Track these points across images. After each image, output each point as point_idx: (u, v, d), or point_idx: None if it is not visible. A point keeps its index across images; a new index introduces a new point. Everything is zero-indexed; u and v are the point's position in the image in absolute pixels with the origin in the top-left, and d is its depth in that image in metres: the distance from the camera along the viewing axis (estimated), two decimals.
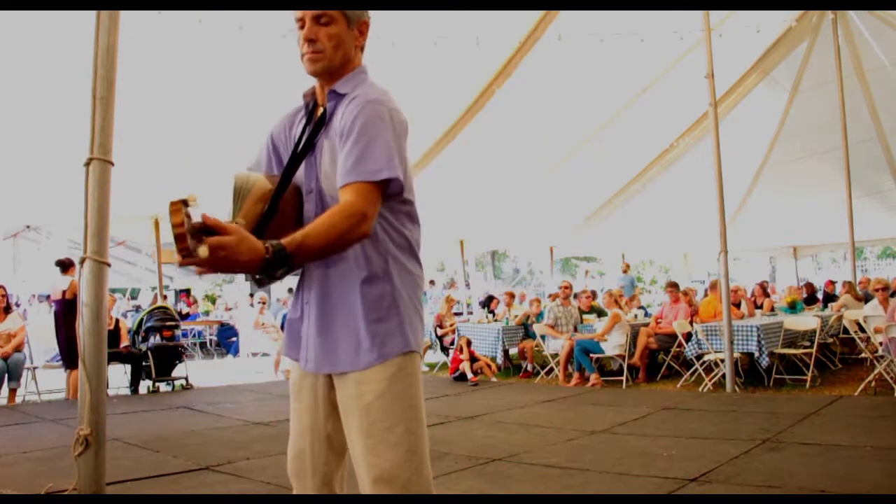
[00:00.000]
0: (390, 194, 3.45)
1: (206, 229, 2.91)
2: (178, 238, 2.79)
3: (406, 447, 3.41)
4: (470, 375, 16.50)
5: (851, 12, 19.55)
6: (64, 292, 14.76)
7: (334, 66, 3.63)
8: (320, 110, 3.68)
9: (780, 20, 19.52)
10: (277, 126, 3.96)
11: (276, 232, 3.23)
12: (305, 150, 3.67)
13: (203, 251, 2.81)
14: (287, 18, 11.91)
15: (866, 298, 16.98)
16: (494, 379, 17.07)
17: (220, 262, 2.93)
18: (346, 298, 3.51)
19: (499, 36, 15.59)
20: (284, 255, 3.05)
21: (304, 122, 3.76)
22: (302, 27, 3.57)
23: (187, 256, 2.81)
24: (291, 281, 3.93)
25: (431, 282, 36.86)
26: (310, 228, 3.20)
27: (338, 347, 3.51)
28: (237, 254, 2.94)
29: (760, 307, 19.94)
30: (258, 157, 3.99)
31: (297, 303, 3.75)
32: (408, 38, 14.19)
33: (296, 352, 3.71)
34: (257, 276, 3.31)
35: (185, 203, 2.84)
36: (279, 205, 3.44)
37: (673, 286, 18.10)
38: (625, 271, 31.36)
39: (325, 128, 3.63)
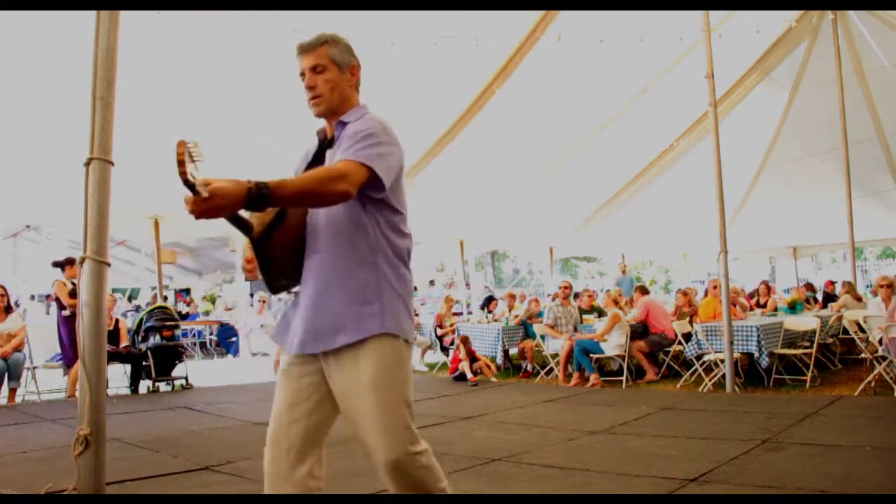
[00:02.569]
0: (375, 197, 4.09)
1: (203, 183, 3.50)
2: (179, 163, 3.36)
3: (388, 424, 4.00)
4: (469, 375, 16.50)
5: (851, 12, 19.55)
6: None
7: (334, 106, 4.34)
8: (328, 141, 4.38)
9: (780, 20, 19.52)
10: (298, 163, 4.56)
11: (283, 237, 4.03)
12: (313, 165, 4.36)
13: (203, 190, 3.44)
14: (286, 18, 11.77)
15: None
16: (494, 379, 17.07)
17: (216, 194, 3.52)
18: (334, 283, 4.07)
19: (499, 36, 15.59)
20: (266, 189, 3.59)
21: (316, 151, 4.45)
22: (304, 79, 4.32)
23: (187, 182, 3.40)
24: None
25: (431, 282, 36.74)
26: (294, 177, 3.95)
27: (320, 328, 4.06)
28: (226, 187, 3.55)
29: (764, 306, 19.99)
30: None
31: (296, 299, 4.27)
32: (408, 38, 14.20)
33: (282, 337, 4.28)
34: (269, 278, 4.11)
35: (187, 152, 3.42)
36: (286, 213, 3.98)
37: (639, 289, 18.34)
38: (623, 272, 31.38)
39: (331, 148, 4.31)
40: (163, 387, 16.23)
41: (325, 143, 4.44)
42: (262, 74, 14.32)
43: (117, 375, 15.75)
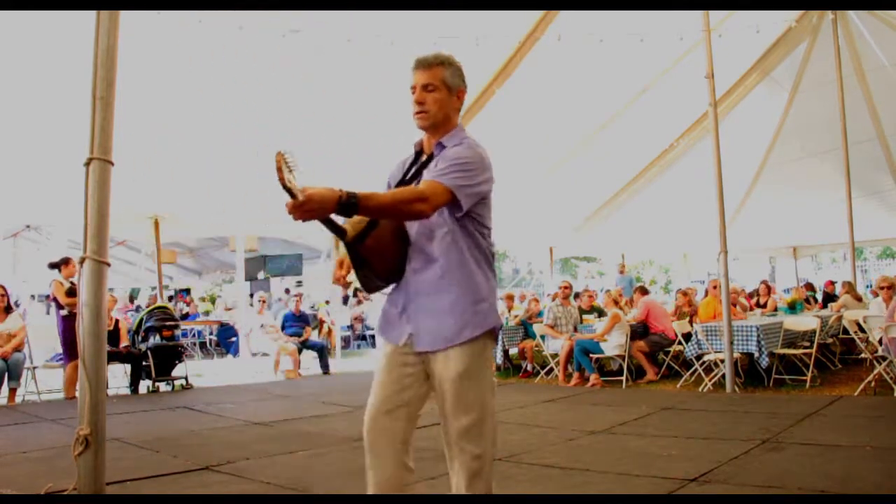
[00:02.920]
0: (461, 215, 4.60)
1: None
2: (278, 170, 3.78)
3: (479, 410, 4.62)
4: None
5: (851, 12, 19.52)
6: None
7: (438, 122, 4.83)
8: (425, 157, 4.90)
9: (780, 20, 19.49)
10: (394, 170, 5.14)
11: (375, 242, 4.48)
12: (410, 180, 4.90)
13: (301, 194, 3.83)
14: (286, 17, 11.73)
15: None
16: (494, 379, 17.01)
17: (312, 199, 3.92)
18: (438, 295, 4.62)
19: (499, 36, 15.57)
20: (354, 199, 4.05)
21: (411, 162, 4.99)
22: (414, 93, 4.88)
23: (284, 187, 3.80)
24: (289, 282, 4.33)
25: None
26: (383, 192, 4.44)
27: (429, 327, 4.61)
28: (320, 193, 3.97)
29: (764, 306, 19.99)
30: None
31: (395, 300, 4.81)
32: (408, 38, 14.18)
33: (390, 334, 4.77)
34: (362, 278, 4.64)
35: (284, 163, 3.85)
36: (378, 221, 4.43)
37: (639, 289, 18.32)
38: (621, 272, 31.33)
39: (427, 165, 4.81)
40: (163, 387, 16.20)
41: (422, 157, 4.97)
42: (262, 74, 14.32)
43: (117, 375, 15.77)
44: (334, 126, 16.16)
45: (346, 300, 23.68)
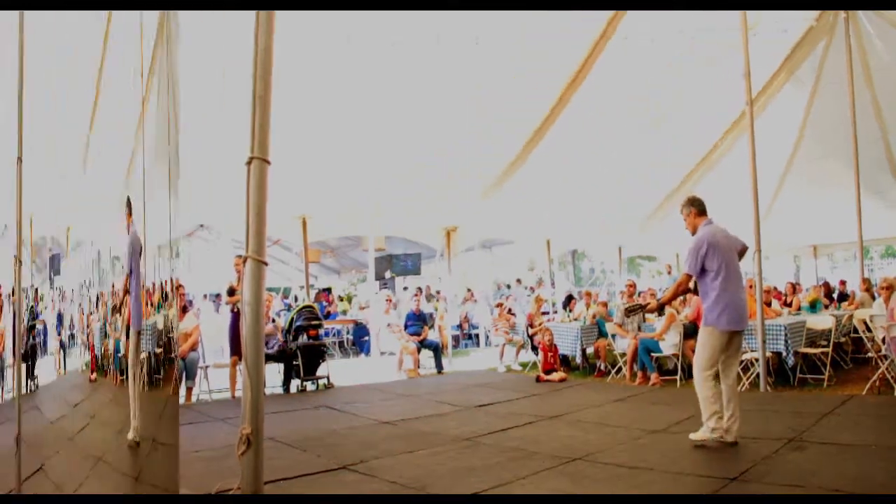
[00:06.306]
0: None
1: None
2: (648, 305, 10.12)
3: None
4: (541, 374, 16.39)
5: (861, 13, 18.40)
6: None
7: (691, 227, 9.21)
8: None
9: (803, 19, 18.24)
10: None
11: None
12: None
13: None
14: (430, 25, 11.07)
15: None
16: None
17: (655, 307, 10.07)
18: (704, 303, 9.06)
19: (572, 37, 14.74)
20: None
21: None
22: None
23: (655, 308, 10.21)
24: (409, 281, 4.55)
25: (518, 280, 35.15)
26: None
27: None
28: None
29: (790, 305, 19.52)
30: None
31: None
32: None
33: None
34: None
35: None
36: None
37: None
38: (668, 272, 30.65)
39: None
40: (309, 386, 15.76)
41: None
42: (413, 83, 13.89)
43: (270, 375, 15.74)
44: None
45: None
